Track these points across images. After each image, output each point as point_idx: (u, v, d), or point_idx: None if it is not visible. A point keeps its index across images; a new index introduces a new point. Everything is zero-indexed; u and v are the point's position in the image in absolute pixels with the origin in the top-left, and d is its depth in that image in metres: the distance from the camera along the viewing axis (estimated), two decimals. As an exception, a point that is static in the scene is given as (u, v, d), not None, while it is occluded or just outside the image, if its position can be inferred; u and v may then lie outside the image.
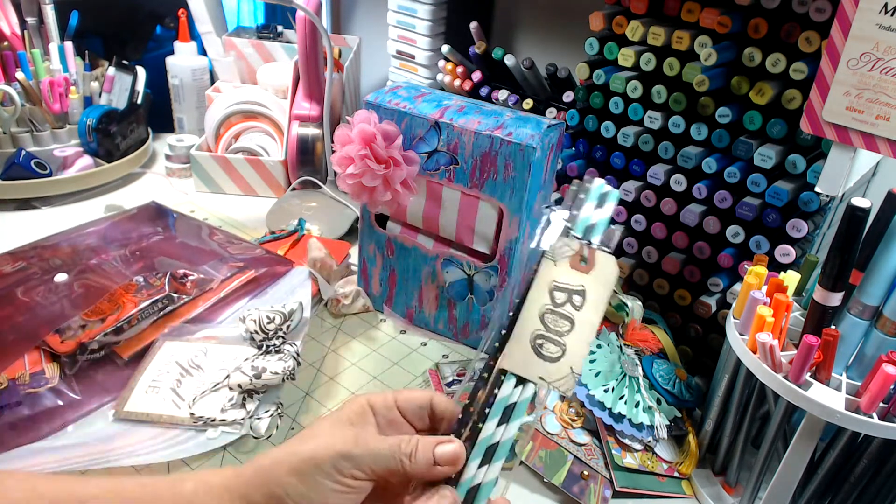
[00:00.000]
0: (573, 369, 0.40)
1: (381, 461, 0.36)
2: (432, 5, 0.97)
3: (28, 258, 0.74)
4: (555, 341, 0.40)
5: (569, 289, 0.42)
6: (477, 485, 0.39)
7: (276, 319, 0.67)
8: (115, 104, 1.10)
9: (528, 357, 0.40)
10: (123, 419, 0.60)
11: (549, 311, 0.41)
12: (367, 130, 0.68)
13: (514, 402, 0.40)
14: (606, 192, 0.44)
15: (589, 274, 0.42)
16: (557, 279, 0.42)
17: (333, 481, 0.36)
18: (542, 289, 0.42)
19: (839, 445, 0.53)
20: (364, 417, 0.40)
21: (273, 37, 1.23)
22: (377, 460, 0.36)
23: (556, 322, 0.41)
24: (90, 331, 0.64)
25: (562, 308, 0.41)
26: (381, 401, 0.40)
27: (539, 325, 0.41)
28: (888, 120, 0.49)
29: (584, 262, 0.42)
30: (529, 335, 0.41)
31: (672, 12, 0.69)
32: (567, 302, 0.41)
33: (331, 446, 0.36)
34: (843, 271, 0.51)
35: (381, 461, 0.36)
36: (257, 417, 0.61)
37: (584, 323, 0.41)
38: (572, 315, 0.41)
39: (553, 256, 0.43)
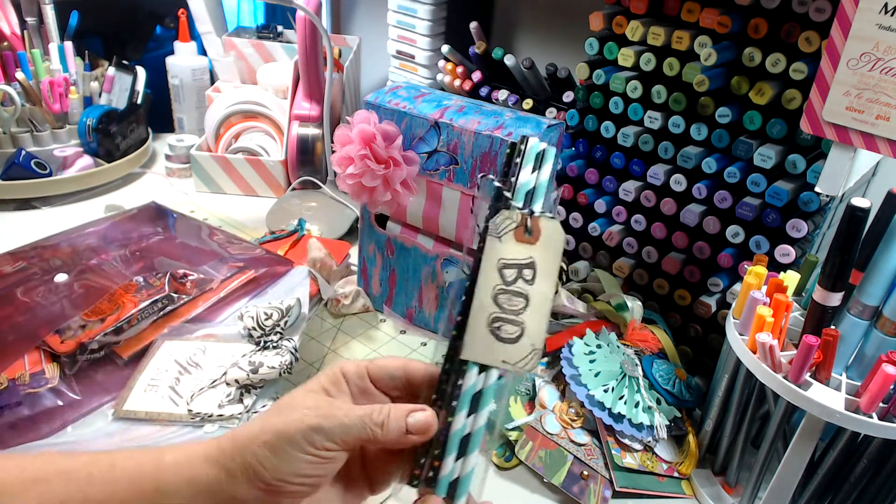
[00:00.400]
0: (534, 346, 0.39)
1: (352, 432, 0.37)
2: (432, 5, 0.97)
3: (28, 258, 0.74)
4: (512, 321, 0.39)
5: (517, 263, 0.40)
6: (456, 478, 0.38)
7: (274, 315, 0.67)
8: (115, 104, 1.10)
9: (487, 342, 0.39)
10: (123, 418, 0.61)
11: (501, 291, 0.39)
12: (367, 130, 0.68)
13: (480, 390, 0.39)
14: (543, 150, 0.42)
15: (535, 244, 0.40)
16: (504, 256, 0.40)
17: (306, 453, 0.36)
18: (491, 269, 0.40)
19: (839, 445, 0.53)
20: (338, 386, 0.40)
21: (273, 37, 1.23)
22: (348, 431, 0.36)
23: (509, 301, 0.39)
24: (90, 331, 0.64)
25: (514, 285, 0.39)
26: (354, 369, 0.40)
27: (494, 307, 0.39)
28: (888, 120, 0.49)
29: (529, 233, 0.40)
30: (486, 319, 0.39)
31: (672, 12, 0.69)
32: (518, 278, 0.40)
33: (301, 420, 0.36)
34: (843, 271, 0.51)
35: (352, 432, 0.37)
36: (255, 412, 0.62)
37: (538, 296, 0.39)
38: (525, 291, 0.39)
39: (497, 232, 0.40)
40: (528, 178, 0.41)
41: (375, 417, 0.37)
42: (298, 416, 0.36)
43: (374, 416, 0.37)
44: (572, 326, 0.74)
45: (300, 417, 0.36)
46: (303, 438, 0.36)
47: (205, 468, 0.37)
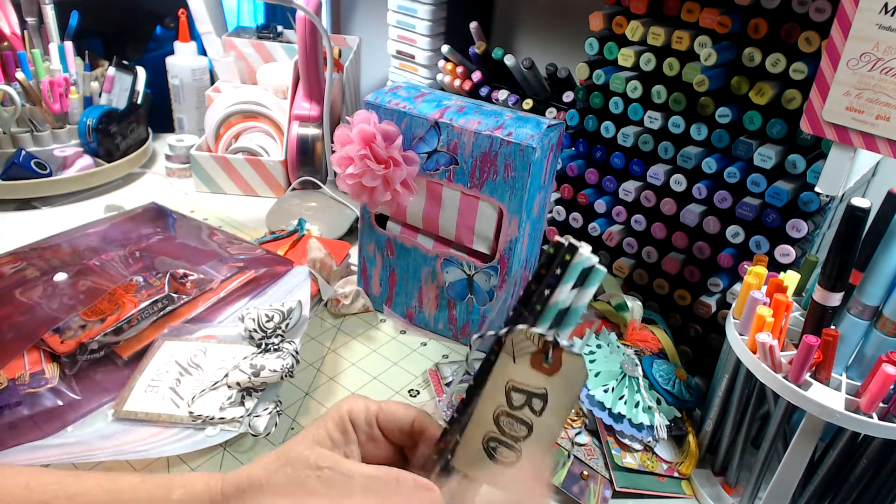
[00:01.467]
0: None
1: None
2: (432, 5, 0.97)
3: (28, 258, 0.74)
4: (510, 446, 0.36)
5: (528, 391, 0.37)
6: None
7: (275, 318, 0.67)
8: (115, 104, 1.10)
9: (479, 458, 0.37)
10: (123, 419, 0.60)
11: (504, 414, 0.37)
12: (367, 130, 0.68)
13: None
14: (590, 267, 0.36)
15: (553, 377, 0.36)
16: (515, 378, 0.37)
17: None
18: (498, 386, 0.37)
19: (839, 445, 0.53)
20: (346, 435, 0.39)
21: (273, 37, 1.23)
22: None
23: (511, 426, 0.37)
24: (90, 331, 0.64)
25: (519, 412, 0.37)
26: (363, 416, 0.40)
27: (493, 427, 0.37)
28: (888, 120, 0.49)
29: (548, 363, 0.37)
30: (482, 436, 0.37)
31: (672, 12, 0.69)
32: (525, 405, 0.37)
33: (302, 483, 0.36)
34: (843, 271, 0.51)
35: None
36: (256, 415, 0.61)
37: (543, 429, 0.36)
38: (531, 420, 0.37)
39: (511, 350, 0.37)
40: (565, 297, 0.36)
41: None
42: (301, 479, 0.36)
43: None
44: (572, 326, 0.74)
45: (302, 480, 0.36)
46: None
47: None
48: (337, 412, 0.40)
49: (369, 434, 0.40)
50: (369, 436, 0.40)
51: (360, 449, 0.40)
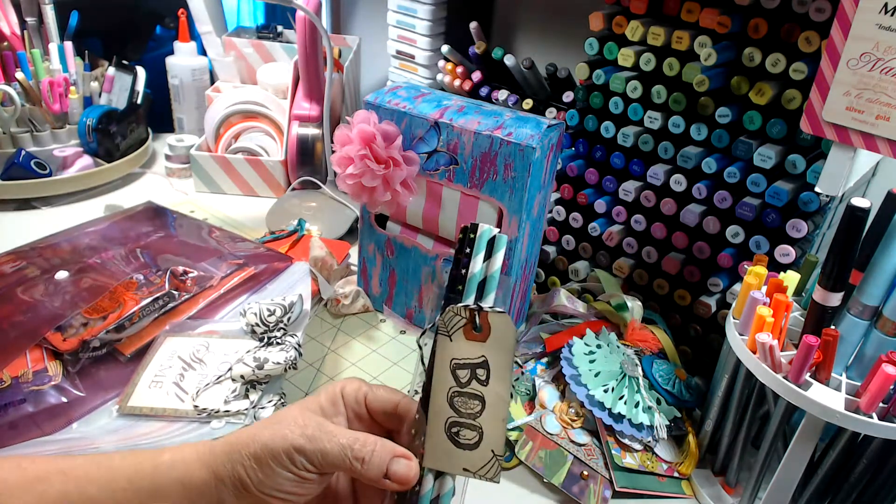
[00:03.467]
0: (494, 452, 0.37)
1: (332, 460, 0.37)
2: (432, 5, 0.97)
3: (28, 257, 0.74)
4: (469, 425, 0.37)
5: (470, 363, 0.38)
6: None
7: (277, 312, 0.67)
8: (114, 104, 1.10)
9: (448, 449, 0.37)
10: (128, 414, 0.61)
11: (456, 394, 0.37)
12: (367, 130, 0.68)
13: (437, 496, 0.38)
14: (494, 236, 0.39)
15: (486, 342, 0.38)
16: (456, 356, 0.38)
17: (287, 471, 0.36)
18: (444, 369, 0.38)
19: (839, 445, 0.53)
20: (336, 406, 0.40)
21: (273, 37, 1.23)
22: (327, 458, 0.37)
23: (465, 404, 0.37)
24: (92, 328, 0.65)
25: (468, 387, 0.37)
26: (353, 394, 0.41)
27: (450, 412, 0.37)
28: (888, 120, 0.49)
29: (479, 330, 0.38)
30: (444, 424, 0.37)
31: (672, 12, 0.69)
32: (471, 378, 0.38)
33: (287, 438, 0.36)
34: (843, 271, 0.51)
35: (332, 460, 0.37)
36: (261, 407, 0.62)
37: (494, 397, 0.37)
38: (480, 392, 0.37)
39: (446, 330, 0.38)
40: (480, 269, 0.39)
41: (357, 450, 0.37)
42: (285, 433, 0.37)
43: (357, 449, 0.37)
44: (572, 326, 0.74)
45: (286, 434, 0.37)
46: (285, 456, 0.36)
47: (198, 470, 0.37)
48: (332, 387, 0.41)
49: (357, 412, 0.41)
50: (357, 413, 0.41)
51: (347, 423, 0.41)
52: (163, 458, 0.38)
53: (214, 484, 0.37)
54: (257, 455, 0.36)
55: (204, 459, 0.38)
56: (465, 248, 0.39)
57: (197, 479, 0.37)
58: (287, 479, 0.36)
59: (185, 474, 0.37)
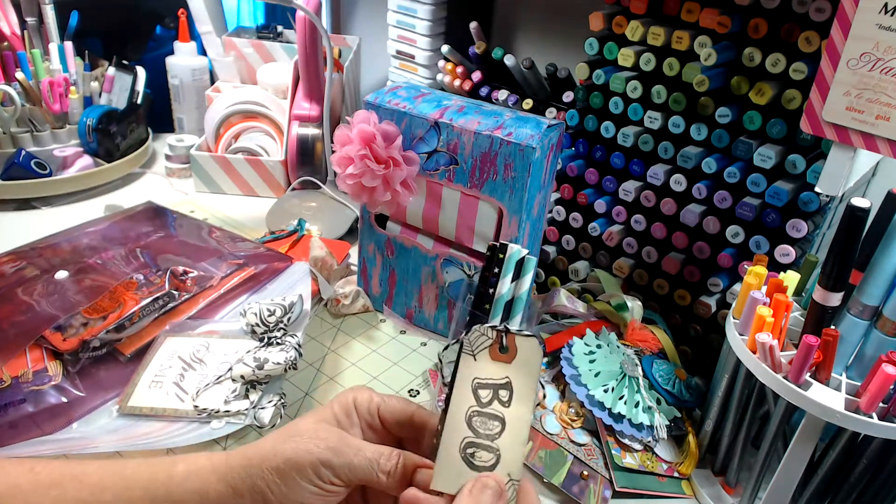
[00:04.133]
0: (511, 476, 0.36)
1: (359, 473, 0.37)
2: (432, 5, 0.97)
3: (28, 257, 0.74)
4: (487, 447, 0.36)
5: (492, 384, 0.37)
6: None
7: (277, 312, 0.68)
8: (115, 104, 1.10)
9: (460, 470, 0.36)
10: (128, 414, 0.61)
11: (475, 414, 0.37)
12: (367, 130, 0.68)
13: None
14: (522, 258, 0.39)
15: (511, 363, 0.38)
16: (479, 375, 0.37)
17: (313, 485, 0.36)
18: (465, 389, 0.37)
19: (839, 445, 0.53)
20: (349, 418, 0.40)
21: (273, 37, 1.23)
22: (354, 471, 0.37)
23: (484, 424, 0.37)
24: (92, 328, 0.65)
25: (489, 407, 0.37)
26: (366, 405, 0.41)
27: (468, 431, 0.36)
28: (888, 120, 0.49)
29: (505, 351, 0.38)
30: (459, 444, 0.36)
31: (672, 12, 0.69)
32: (493, 399, 0.37)
33: (312, 452, 0.36)
34: (843, 271, 0.51)
35: (359, 473, 0.37)
36: (261, 408, 0.62)
37: (515, 420, 0.37)
38: (501, 413, 0.37)
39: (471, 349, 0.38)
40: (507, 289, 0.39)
41: (383, 464, 0.37)
42: (310, 448, 0.37)
43: (383, 463, 0.37)
44: (572, 326, 0.74)
45: (311, 449, 0.36)
46: (311, 471, 0.36)
47: (214, 483, 0.37)
48: (343, 397, 0.41)
49: (370, 423, 0.41)
50: (370, 424, 0.41)
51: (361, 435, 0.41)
52: (177, 468, 0.38)
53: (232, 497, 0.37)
54: (280, 469, 0.36)
55: (220, 472, 0.37)
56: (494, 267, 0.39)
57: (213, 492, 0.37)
58: (311, 493, 0.36)
59: (202, 486, 0.37)
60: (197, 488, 0.37)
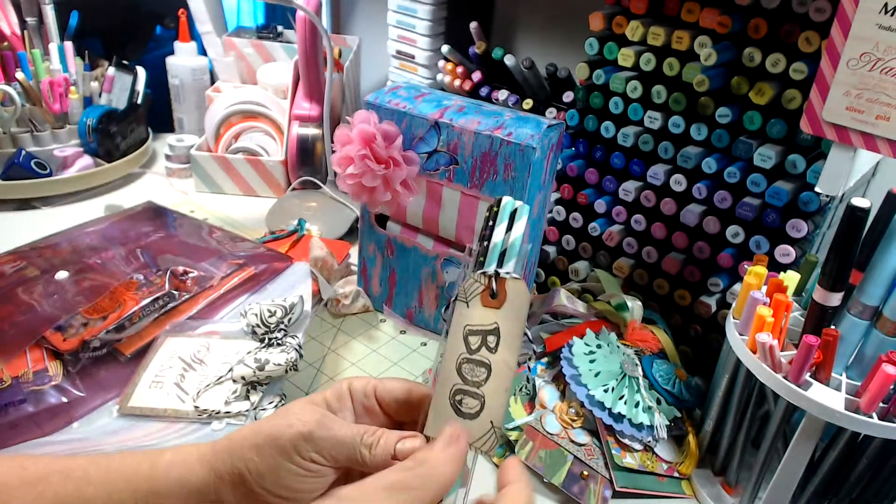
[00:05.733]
0: (493, 423, 0.36)
1: (342, 448, 0.35)
2: (432, 5, 0.97)
3: (28, 257, 0.74)
4: (473, 394, 0.36)
5: (482, 330, 0.37)
6: None
7: (278, 313, 0.68)
8: (115, 104, 1.10)
9: (448, 417, 0.36)
10: (128, 414, 0.61)
11: (465, 361, 0.37)
12: (367, 131, 0.68)
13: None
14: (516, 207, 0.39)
15: (501, 308, 0.37)
16: (470, 322, 0.37)
17: (292, 463, 0.35)
18: (458, 336, 0.37)
19: (839, 445, 0.53)
20: (342, 402, 0.39)
21: (273, 37, 1.23)
22: (336, 446, 0.35)
23: (472, 371, 0.36)
24: (92, 328, 0.65)
25: (477, 354, 0.37)
26: (362, 387, 0.40)
27: (457, 379, 0.36)
28: (888, 120, 0.49)
29: (494, 296, 0.38)
30: (449, 392, 0.36)
31: (672, 12, 0.69)
32: (482, 345, 0.37)
33: (293, 426, 0.35)
34: (843, 271, 0.51)
35: (342, 448, 0.35)
36: (262, 409, 0.62)
37: (500, 365, 0.37)
38: (488, 359, 0.37)
39: (465, 297, 0.38)
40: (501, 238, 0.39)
41: (367, 438, 0.36)
42: (291, 422, 0.35)
43: (366, 437, 0.36)
44: (572, 326, 0.74)
45: (292, 422, 0.35)
46: (291, 446, 0.35)
47: (198, 470, 0.36)
48: (338, 384, 0.40)
49: (366, 405, 0.40)
50: (366, 406, 0.40)
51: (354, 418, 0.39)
52: (163, 458, 0.37)
53: (213, 482, 0.36)
54: (259, 446, 0.35)
55: (205, 458, 0.37)
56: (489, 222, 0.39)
57: (196, 479, 0.36)
58: (290, 473, 0.35)
59: (184, 474, 0.36)
60: (179, 477, 0.36)
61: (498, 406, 0.36)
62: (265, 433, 0.35)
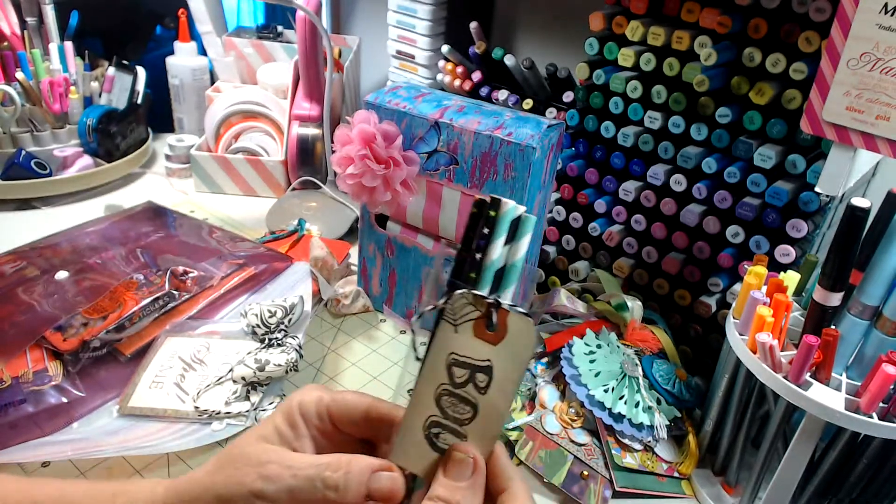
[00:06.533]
0: None
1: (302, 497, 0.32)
2: (432, 5, 0.97)
3: (28, 257, 0.74)
4: (454, 430, 0.32)
5: (471, 363, 0.32)
6: None
7: (278, 313, 0.68)
8: (115, 104, 1.10)
9: (422, 450, 0.32)
10: (128, 415, 0.61)
11: (446, 392, 0.32)
12: (367, 130, 0.68)
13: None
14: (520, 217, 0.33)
15: (497, 345, 0.32)
16: (457, 350, 0.32)
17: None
18: (439, 362, 0.32)
19: (839, 445, 0.53)
20: (296, 429, 0.35)
21: (273, 37, 1.23)
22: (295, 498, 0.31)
23: (454, 406, 0.32)
24: (92, 328, 0.65)
25: (462, 389, 0.32)
26: (314, 408, 0.35)
27: (434, 409, 0.32)
28: (888, 120, 0.49)
29: (492, 329, 0.32)
30: (424, 421, 0.32)
31: (672, 12, 0.69)
32: (468, 381, 0.32)
33: (244, 484, 0.32)
34: (843, 271, 0.51)
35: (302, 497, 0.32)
36: (262, 409, 0.62)
37: (489, 410, 0.32)
38: (475, 399, 0.32)
39: (453, 318, 0.32)
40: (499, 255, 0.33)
41: (328, 478, 0.32)
42: (240, 479, 0.32)
43: (327, 477, 0.32)
44: (572, 326, 0.74)
45: (241, 480, 0.32)
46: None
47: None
48: (287, 405, 0.36)
49: (321, 428, 0.36)
50: (321, 430, 0.36)
51: (313, 444, 0.35)
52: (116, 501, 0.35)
53: None
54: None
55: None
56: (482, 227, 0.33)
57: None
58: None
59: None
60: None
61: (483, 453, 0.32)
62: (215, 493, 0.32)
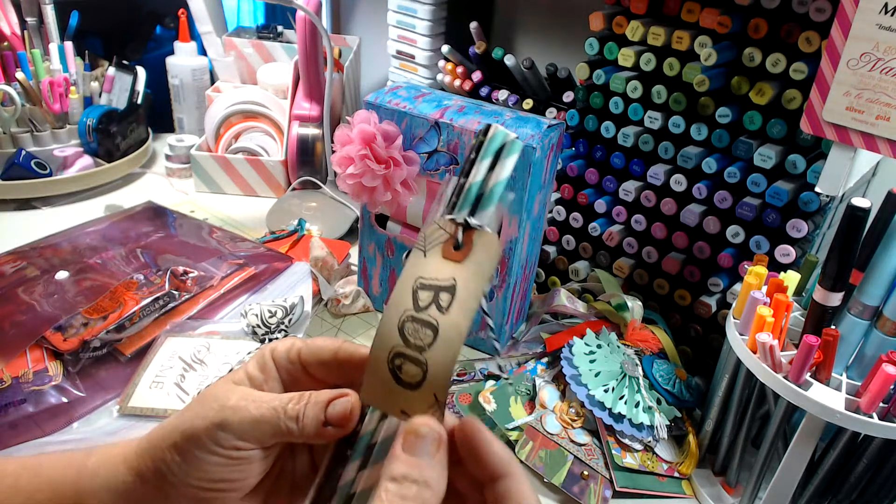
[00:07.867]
0: (437, 397, 0.30)
1: (264, 427, 0.31)
2: (432, 5, 0.97)
3: (28, 257, 0.74)
4: (414, 359, 0.30)
5: (435, 285, 0.31)
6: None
7: (278, 313, 0.68)
8: (115, 104, 1.10)
9: (387, 384, 0.30)
10: (128, 415, 0.61)
11: (409, 319, 0.30)
12: (367, 130, 0.68)
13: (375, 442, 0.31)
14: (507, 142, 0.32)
15: (463, 262, 0.31)
16: (424, 274, 0.31)
17: (215, 455, 0.31)
18: (406, 289, 0.31)
19: (839, 445, 0.53)
20: (266, 372, 0.35)
21: (273, 37, 1.23)
22: (257, 427, 0.31)
23: (416, 332, 0.30)
24: (92, 328, 0.65)
25: (424, 312, 0.30)
26: (284, 353, 0.35)
27: (398, 340, 0.30)
28: (888, 120, 0.49)
29: (458, 248, 0.31)
30: (387, 354, 0.30)
31: (672, 12, 0.69)
32: (431, 303, 0.31)
33: (206, 417, 0.31)
34: (843, 271, 0.51)
35: (264, 427, 0.31)
36: None
37: (449, 329, 0.30)
38: (436, 320, 0.30)
39: (423, 244, 0.32)
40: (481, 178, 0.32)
41: (290, 409, 0.31)
42: (203, 413, 0.32)
43: (290, 408, 0.31)
44: (572, 326, 0.74)
45: (205, 414, 0.32)
46: (208, 438, 0.31)
47: (122, 473, 0.34)
48: (259, 352, 0.35)
49: (291, 371, 0.35)
50: (291, 374, 0.35)
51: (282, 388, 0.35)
52: (89, 462, 0.34)
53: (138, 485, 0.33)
54: (178, 445, 0.32)
55: (129, 460, 0.34)
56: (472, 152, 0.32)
57: (121, 483, 0.33)
58: (215, 465, 0.31)
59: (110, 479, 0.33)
60: (104, 482, 0.34)
61: (443, 377, 0.30)
62: (181, 430, 0.32)
